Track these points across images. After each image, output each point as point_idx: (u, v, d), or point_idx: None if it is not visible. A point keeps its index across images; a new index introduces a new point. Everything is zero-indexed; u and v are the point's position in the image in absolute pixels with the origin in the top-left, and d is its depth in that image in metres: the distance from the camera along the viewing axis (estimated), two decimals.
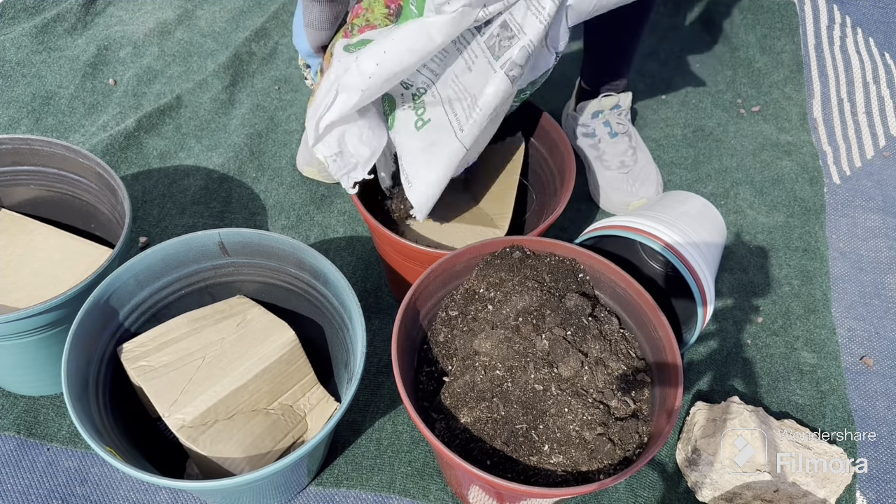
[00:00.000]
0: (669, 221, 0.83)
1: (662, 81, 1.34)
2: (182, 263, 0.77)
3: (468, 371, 0.68)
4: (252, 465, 0.69)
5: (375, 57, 0.67)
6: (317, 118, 0.72)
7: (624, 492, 0.81)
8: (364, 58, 0.68)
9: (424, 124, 0.77)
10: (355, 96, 0.69)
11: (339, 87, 0.69)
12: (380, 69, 0.68)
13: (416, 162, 0.77)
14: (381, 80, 0.68)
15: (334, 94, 0.70)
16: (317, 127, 0.72)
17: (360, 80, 0.68)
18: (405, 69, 0.69)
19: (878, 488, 0.84)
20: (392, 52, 0.67)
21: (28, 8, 1.33)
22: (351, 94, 0.69)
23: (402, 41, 0.67)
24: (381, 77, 0.68)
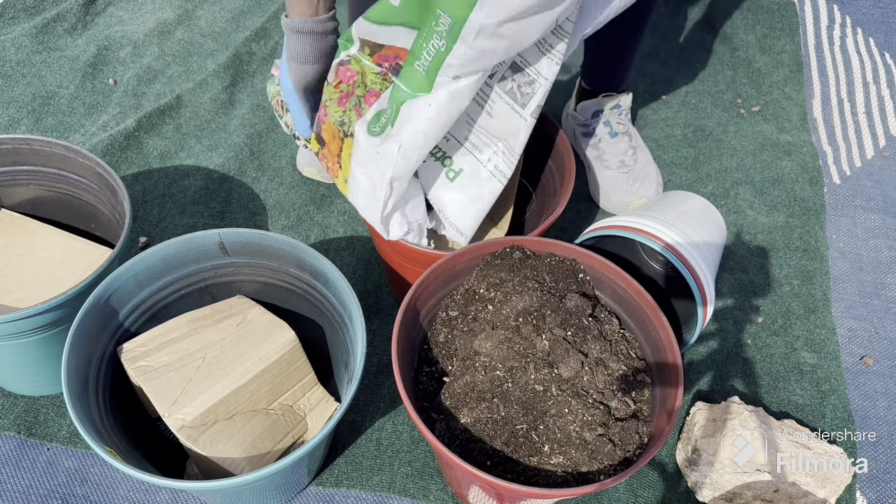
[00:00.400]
0: (669, 221, 0.83)
1: (662, 81, 1.34)
2: (182, 263, 0.77)
3: (468, 371, 0.68)
4: (252, 465, 0.69)
5: (415, 141, 0.69)
6: (380, 214, 0.74)
7: (624, 492, 0.81)
8: (407, 147, 0.69)
9: (457, 175, 0.79)
10: (406, 181, 0.73)
11: (391, 178, 0.71)
12: (422, 150, 0.70)
13: (466, 212, 0.80)
14: (422, 158, 0.71)
15: (389, 189, 0.72)
16: (384, 221, 0.76)
17: (406, 166, 0.71)
18: (439, 138, 0.71)
19: (878, 488, 0.84)
20: (430, 130, 0.69)
21: (28, 8, 1.33)
22: (402, 181, 0.73)
23: (437, 117, 0.68)
24: (423, 156, 0.71)
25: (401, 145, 0.69)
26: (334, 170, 0.79)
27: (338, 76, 0.76)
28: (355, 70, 0.75)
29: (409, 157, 0.70)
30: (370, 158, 0.72)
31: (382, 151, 0.71)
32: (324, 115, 0.78)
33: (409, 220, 0.77)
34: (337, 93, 0.77)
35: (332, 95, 0.77)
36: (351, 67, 0.75)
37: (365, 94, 0.75)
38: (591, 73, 1.10)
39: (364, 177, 0.74)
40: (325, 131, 0.78)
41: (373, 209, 0.75)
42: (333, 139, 0.78)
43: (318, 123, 0.79)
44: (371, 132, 0.73)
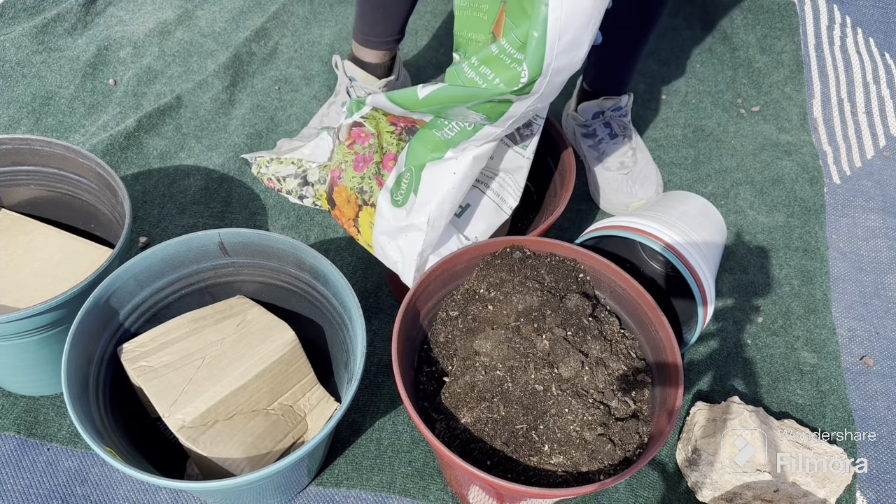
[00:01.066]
0: (669, 221, 0.83)
1: (662, 81, 1.34)
2: (182, 264, 0.77)
3: (468, 371, 0.68)
4: (252, 465, 0.69)
5: (443, 211, 0.71)
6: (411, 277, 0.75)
7: (624, 492, 0.81)
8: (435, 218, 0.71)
9: (463, 210, 0.81)
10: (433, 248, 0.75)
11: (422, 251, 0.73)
12: (449, 216, 0.72)
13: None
14: (447, 221, 0.73)
15: (422, 259, 0.74)
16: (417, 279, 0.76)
17: (435, 236, 0.73)
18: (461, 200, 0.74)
19: (878, 488, 0.84)
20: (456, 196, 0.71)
21: (28, 8, 1.33)
22: (433, 248, 0.75)
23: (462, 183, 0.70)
24: (449, 219, 0.73)
25: (429, 218, 0.71)
26: (352, 232, 0.80)
27: (350, 136, 0.77)
28: (370, 131, 0.76)
29: (438, 227, 0.72)
30: (397, 230, 0.73)
31: (411, 224, 0.72)
32: (338, 177, 0.78)
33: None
34: (351, 154, 0.77)
35: (347, 157, 0.77)
36: (366, 129, 0.76)
37: (382, 158, 0.75)
38: (593, 76, 1.10)
39: (392, 245, 0.75)
40: (337, 194, 0.78)
41: (405, 272, 0.76)
42: (348, 204, 0.78)
43: (329, 184, 0.79)
44: (395, 202, 0.73)
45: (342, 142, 0.77)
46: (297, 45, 1.34)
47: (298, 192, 0.85)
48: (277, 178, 0.86)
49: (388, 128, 0.75)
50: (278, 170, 0.86)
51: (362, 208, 0.77)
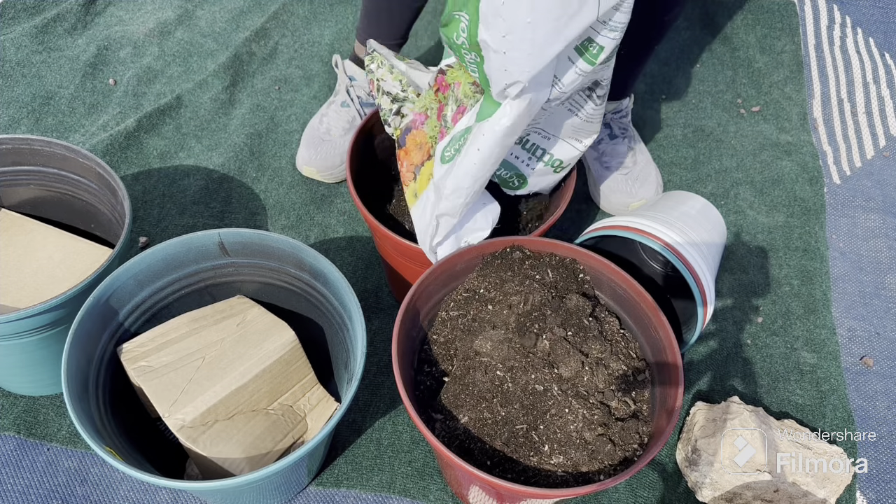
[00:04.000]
0: (669, 221, 0.83)
1: (662, 81, 1.34)
2: (182, 264, 0.77)
3: (468, 371, 0.68)
4: (252, 465, 0.69)
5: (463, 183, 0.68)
6: (428, 244, 0.74)
7: (624, 492, 0.81)
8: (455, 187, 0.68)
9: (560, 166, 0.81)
10: (454, 219, 0.72)
11: (438, 214, 0.71)
12: (470, 190, 0.69)
13: None
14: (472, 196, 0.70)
15: (436, 223, 0.72)
16: (432, 250, 0.75)
17: (454, 204, 0.70)
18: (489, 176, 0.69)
19: (878, 488, 0.84)
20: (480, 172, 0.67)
21: (28, 8, 1.33)
22: (451, 217, 0.71)
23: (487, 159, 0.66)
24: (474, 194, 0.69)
25: (455, 183, 0.68)
26: (406, 178, 0.78)
27: (437, 83, 0.75)
28: (450, 81, 0.73)
29: (458, 196, 0.69)
30: (438, 185, 0.71)
31: (441, 183, 0.70)
32: (422, 122, 0.76)
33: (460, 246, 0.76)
34: (436, 102, 0.75)
35: (433, 104, 0.75)
36: (447, 77, 0.74)
37: (455, 110, 0.72)
38: None
39: (432, 199, 0.73)
40: (412, 137, 0.76)
41: (423, 238, 0.75)
42: (419, 150, 0.76)
43: (408, 125, 0.77)
44: (444, 158, 0.71)
45: (431, 87, 0.75)
46: (297, 45, 1.34)
47: (386, 117, 0.82)
48: (380, 88, 0.82)
49: (468, 78, 0.71)
50: (385, 78, 0.82)
51: (431, 158, 0.74)
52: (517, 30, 0.56)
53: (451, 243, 0.75)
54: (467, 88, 0.71)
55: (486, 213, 0.76)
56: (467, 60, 0.65)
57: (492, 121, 0.64)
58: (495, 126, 0.64)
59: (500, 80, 0.60)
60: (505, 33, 0.56)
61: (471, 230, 0.75)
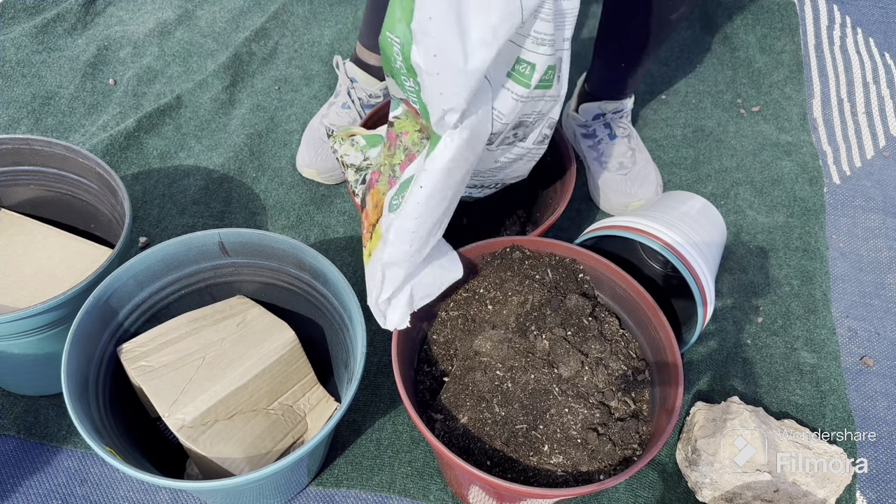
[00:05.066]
0: (669, 221, 0.83)
1: (662, 81, 1.34)
2: (182, 264, 0.77)
3: (468, 371, 0.68)
4: (252, 465, 0.69)
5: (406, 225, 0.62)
6: (374, 300, 0.68)
7: (624, 492, 0.81)
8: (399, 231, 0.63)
9: None
10: (402, 271, 0.65)
11: (384, 264, 0.65)
12: (415, 236, 0.63)
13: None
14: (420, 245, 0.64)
15: (381, 274, 0.66)
16: (377, 307, 0.68)
17: (397, 251, 0.64)
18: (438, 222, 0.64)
19: (878, 488, 0.84)
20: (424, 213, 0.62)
21: (28, 8, 1.33)
22: (397, 268, 0.65)
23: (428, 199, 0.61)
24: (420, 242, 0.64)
25: (398, 226, 0.63)
26: (365, 238, 0.74)
27: (387, 137, 0.72)
28: (397, 131, 0.70)
29: (402, 242, 0.63)
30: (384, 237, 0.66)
31: (385, 232, 0.65)
32: (376, 179, 0.72)
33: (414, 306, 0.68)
34: (388, 157, 0.72)
35: (386, 160, 0.72)
36: (395, 129, 0.70)
37: (403, 159, 0.69)
38: (597, 81, 1.10)
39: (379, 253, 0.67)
40: (371, 196, 0.73)
41: (369, 294, 0.69)
42: (375, 209, 0.72)
43: (367, 184, 0.74)
44: (391, 207, 0.66)
45: (385, 143, 0.72)
46: (297, 45, 1.34)
47: (354, 188, 0.80)
48: (343, 162, 0.80)
49: (415, 126, 0.69)
50: (348, 153, 0.80)
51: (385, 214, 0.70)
52: (447, 46, 0.53)
53: (403, 303, 0.67)
54: (415, 136, 0.69)
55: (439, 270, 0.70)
56: (407, 89, 0.61)
57: (433, 155, 0.60)
58: (436, 160, 0.60)
59: (437, 105, 0.57)
60: (435, 52, 0.54)
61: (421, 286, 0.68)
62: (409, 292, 0.67)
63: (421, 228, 0.63)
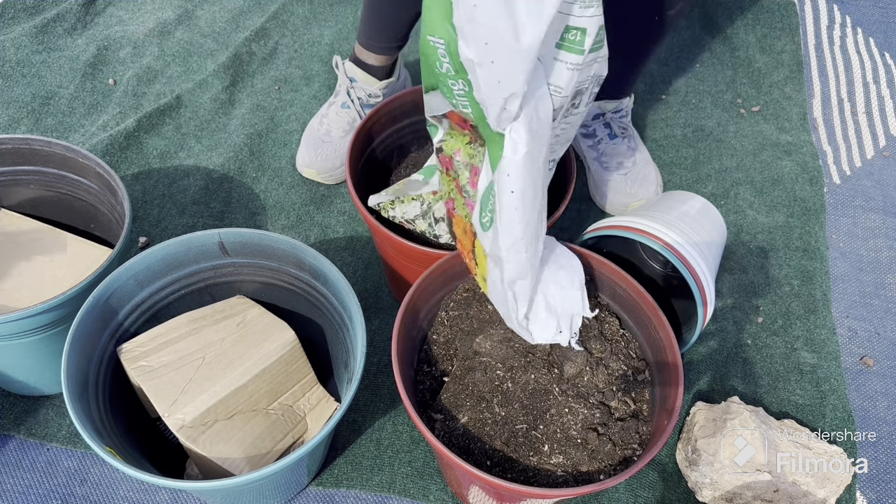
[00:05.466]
0: (669, 221, 0.83)
1: (662, 81, 1.34)
2: (182, 264, 0.77)
3: (468, 371, 0.68)
4: (252, 465, 0.69)
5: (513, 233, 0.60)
6: (515, 321, 0.66)
7: (624, 492, 0.81)
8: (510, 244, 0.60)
9: None
10: (525, 281, 0.64)
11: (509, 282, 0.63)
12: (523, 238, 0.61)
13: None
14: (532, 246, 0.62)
15: (511, 293, 0.64)
16: (521, 325, 0.66)
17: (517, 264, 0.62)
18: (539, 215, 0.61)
19: (878, 488, 0.84)
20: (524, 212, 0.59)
21: (28, 8, 1.33)
22: (521, 282, 0.64)
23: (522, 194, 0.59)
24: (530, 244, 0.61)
25: (507, 241, 0.60)
26: (472, 268, 0.71)
27: (440, 164, 0.70)
28: (448, 154, 0.68)
29: (517, 252, 0.61)
30: (493, 255, 0.64)
31: (494, 251, 0.62)
32: (452, 207, 0.71)
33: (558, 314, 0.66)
34: (452, 181, 0.69)
35: (449, 185, 0.70)
36: (444, 152, 0.68)
37: (469, 176, 0.66)
38: None
39: (496, 273, 0.65)
40: (456, 225, 0.71)
41: (509, 317, 0.67)
42: (465, 234, 0.70)
43: (448, 217, 0.72)
44: (484, 227, 0.64)
45: (441, 171, 0.70)
46: (297, 45, 1.34)
47: (433, 232, 0.78)
48: (407, 220, 0.79)
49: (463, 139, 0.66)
50: (405, 210, 0.79)
51: (476, 235, 0.67)
52: (497, 30, 0.52)
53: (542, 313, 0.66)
54: (467, 149, 0.66)
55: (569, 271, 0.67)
56: (456, 95, 0.59)
57: (506, 157, 0.57)
58: (513, 159, 0.57)
59: (495, 99, 0.55)
60: (486, 39, 0.52)
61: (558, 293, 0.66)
62: (542, 302, 0.66)
63: (528, 232, 0.61)
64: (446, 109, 0.64)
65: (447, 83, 0.59)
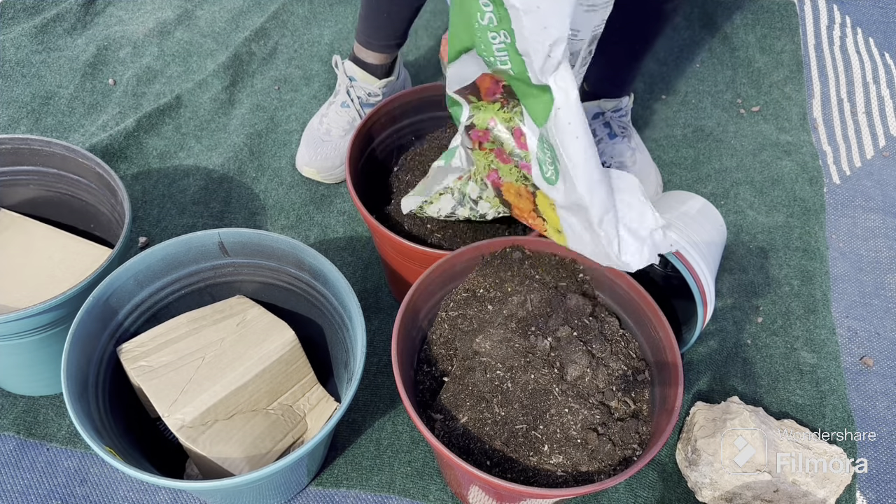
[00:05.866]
0: (669, 221, 0.83)
1: (662, 81, 1.34)
2: (182, 264, 0.77)
3: (468, 371, 0.68)
4: (252, 465, 0.69)
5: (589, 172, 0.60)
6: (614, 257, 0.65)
7: (624, 492, 0.81)
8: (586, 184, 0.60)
9: None
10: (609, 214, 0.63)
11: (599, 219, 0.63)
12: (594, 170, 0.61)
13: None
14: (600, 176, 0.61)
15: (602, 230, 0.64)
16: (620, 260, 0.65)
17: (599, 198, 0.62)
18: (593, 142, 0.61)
19: (878, 488, 0.84)
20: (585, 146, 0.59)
21: (28, 8, 1.33)
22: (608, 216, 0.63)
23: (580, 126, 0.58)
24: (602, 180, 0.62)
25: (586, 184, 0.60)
26: (539, 225, 0.72)
27: (472, 140, 0.70)
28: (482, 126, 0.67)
29: (598, 191, 0.61)
30: (571, 204, 0.63)
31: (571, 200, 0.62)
32: (498, 178, 0.71)
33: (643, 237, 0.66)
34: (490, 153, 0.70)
35: (487, 157, 0.70)
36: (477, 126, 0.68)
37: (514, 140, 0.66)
38: (595, 78, 1.10)
39: (576, 221, 0.65)
40: (506, 192, 0.72)
41: (601, 255, 0.66)
42: (520, 198, 0.70)
43: (494, 187, 0.73)
44: (549, 181, 0.64)
45: (474, 147, 0.70)
46: (297, 45, 1.34)
47: (477, 214, 0.77)
48: (447, 215, 0.78)
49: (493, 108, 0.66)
50: (439, 208, 0.79)
51: (535, 194, 0.67)
52: None
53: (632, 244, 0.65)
54: (501, 114, 0.66)
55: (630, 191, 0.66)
56: (496, 51, 0.58)
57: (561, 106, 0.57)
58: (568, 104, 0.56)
59: (540, 45, 0.54)
60: None
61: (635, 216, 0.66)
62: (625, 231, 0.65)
63: (598, 168, 0.60)
64: (478, 74, 0.63)
65: (487, 37, 0.57)
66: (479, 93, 0.67)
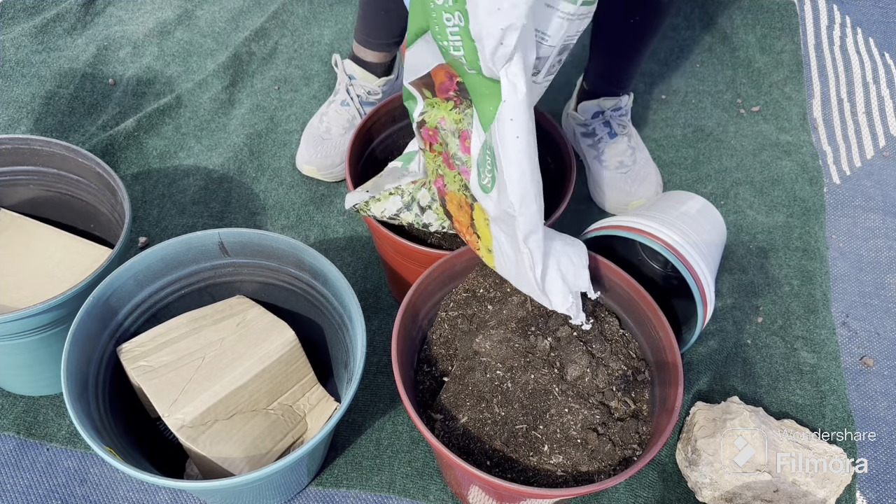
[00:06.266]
0: (669, 221, 0.83)
1: (662, 81, 1.34)
2: (182, 263, 0.77)
3: (468, 371, 0.68)
4: (252, 465, 0.69)
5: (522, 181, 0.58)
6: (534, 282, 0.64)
7: (624, 492, 0.81)
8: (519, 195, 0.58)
9: None
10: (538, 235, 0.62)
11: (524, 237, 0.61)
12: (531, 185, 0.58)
13: None
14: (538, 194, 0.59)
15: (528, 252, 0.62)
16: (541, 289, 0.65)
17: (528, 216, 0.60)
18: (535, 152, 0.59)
19: (878, 488, 0.84)
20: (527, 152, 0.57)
21: (28, 8, 1.33)
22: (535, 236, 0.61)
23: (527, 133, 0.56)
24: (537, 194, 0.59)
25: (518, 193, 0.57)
26: (473, 242, 0.70)
27: (424, 139, 0.68)
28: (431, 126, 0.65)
29: (529, 203, 0.58)
30: (502, 213, 0.61)
31: (500, 210, 0.60)
32: (443, 185, 0.69)
33: (571, 289, 0.65)
34: (438, 156, 0.68)
35: (436, 160, 0.68)
36: (427, 126, 0.66)
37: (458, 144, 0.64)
38: (595, 75, 1.10)
39: (504, 238, 0.63)
40: (449, 203, 0.70)
41: (525, 279, 0.64)
42: (461, 210, 0.68)
43: (440, 196, 0.71)
44: (485, 189, 0.61)
45: (423, 149, 0.68)
46: (297, 44, 1.34)
47: (420, 222, 0.75)
48: (390, 217, 0.77)
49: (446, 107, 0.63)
50: (384, 208, 0.77)
51: (473, 207, 0.65)
52: None
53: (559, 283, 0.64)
54: (453, 115, 0.64)
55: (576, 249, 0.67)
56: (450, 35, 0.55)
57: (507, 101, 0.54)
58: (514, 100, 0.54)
59: (494, 29, 0.51)
60: None
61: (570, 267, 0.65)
62: (556, 269, 0.64)
63: (535, 180, 0.58)
64: (433, 65, 0.61)
65: (442, 18, 0.55)
66: (433, 88, 0.64)
